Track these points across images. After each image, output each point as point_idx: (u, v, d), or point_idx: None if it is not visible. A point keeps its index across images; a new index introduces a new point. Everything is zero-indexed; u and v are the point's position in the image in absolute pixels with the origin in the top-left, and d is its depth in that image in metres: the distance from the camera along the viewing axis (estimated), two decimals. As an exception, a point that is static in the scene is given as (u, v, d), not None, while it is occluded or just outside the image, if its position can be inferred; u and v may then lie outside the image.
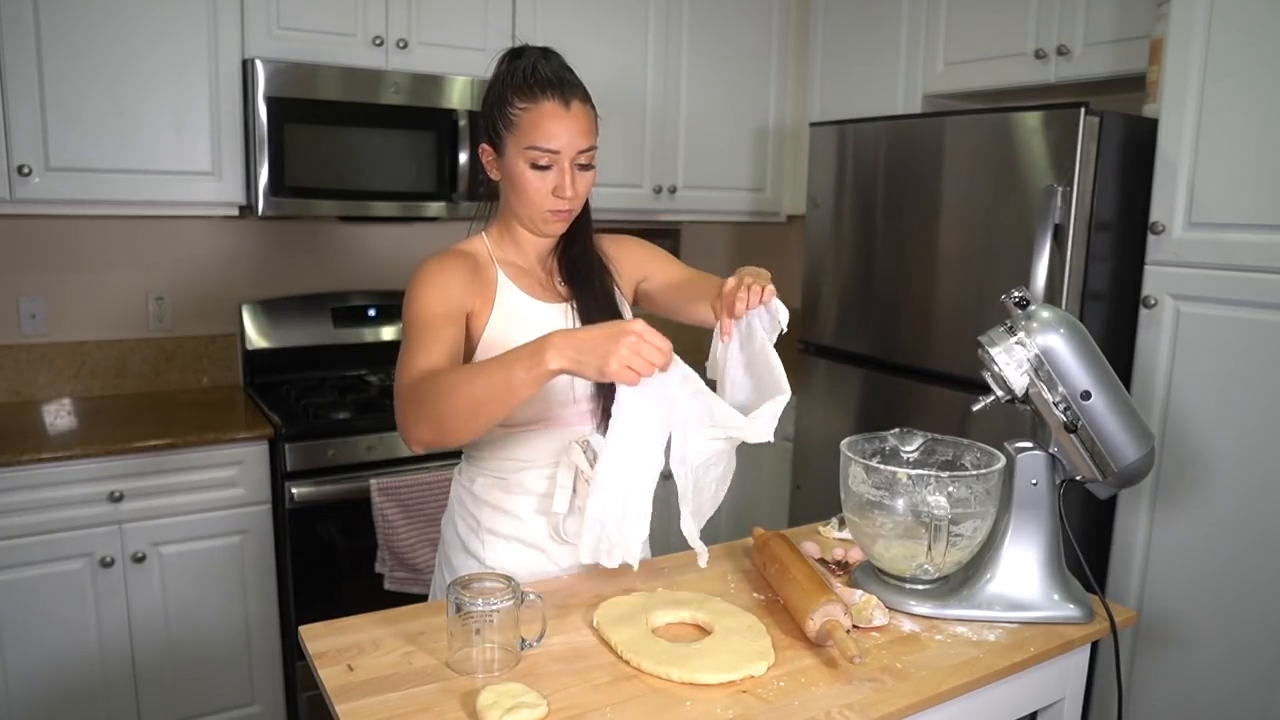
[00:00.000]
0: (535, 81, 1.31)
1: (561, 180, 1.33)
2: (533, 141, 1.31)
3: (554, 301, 1.44)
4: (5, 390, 2.49)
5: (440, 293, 1.33)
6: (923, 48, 2.76)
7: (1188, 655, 1.95)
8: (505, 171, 1.36)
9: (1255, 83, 1.77)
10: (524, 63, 1.33)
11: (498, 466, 1.43)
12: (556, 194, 1.33)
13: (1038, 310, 1.25)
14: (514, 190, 1.36)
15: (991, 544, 1.31)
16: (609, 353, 1.06)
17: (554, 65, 1.34)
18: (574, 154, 1.32)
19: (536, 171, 1.32)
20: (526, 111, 1.31)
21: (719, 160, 3.17)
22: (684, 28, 3.02)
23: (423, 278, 1.35)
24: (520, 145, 1.32)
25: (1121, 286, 2.05)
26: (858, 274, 2.54)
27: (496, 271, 1.41)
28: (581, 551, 1.21)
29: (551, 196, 1.34)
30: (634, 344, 1.06)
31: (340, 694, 1.05)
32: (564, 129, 1.31)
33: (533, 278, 1.45)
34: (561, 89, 1.31)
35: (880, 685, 1.10)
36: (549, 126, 1.30)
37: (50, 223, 2.49)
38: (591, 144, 1.34)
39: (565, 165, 1.32)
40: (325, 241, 2.86)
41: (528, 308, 1.41)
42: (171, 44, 2.27)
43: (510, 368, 1.12)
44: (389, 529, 2.31)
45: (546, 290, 1.45)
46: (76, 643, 2.14)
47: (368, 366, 2.87)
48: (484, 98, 1.38)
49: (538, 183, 1.33)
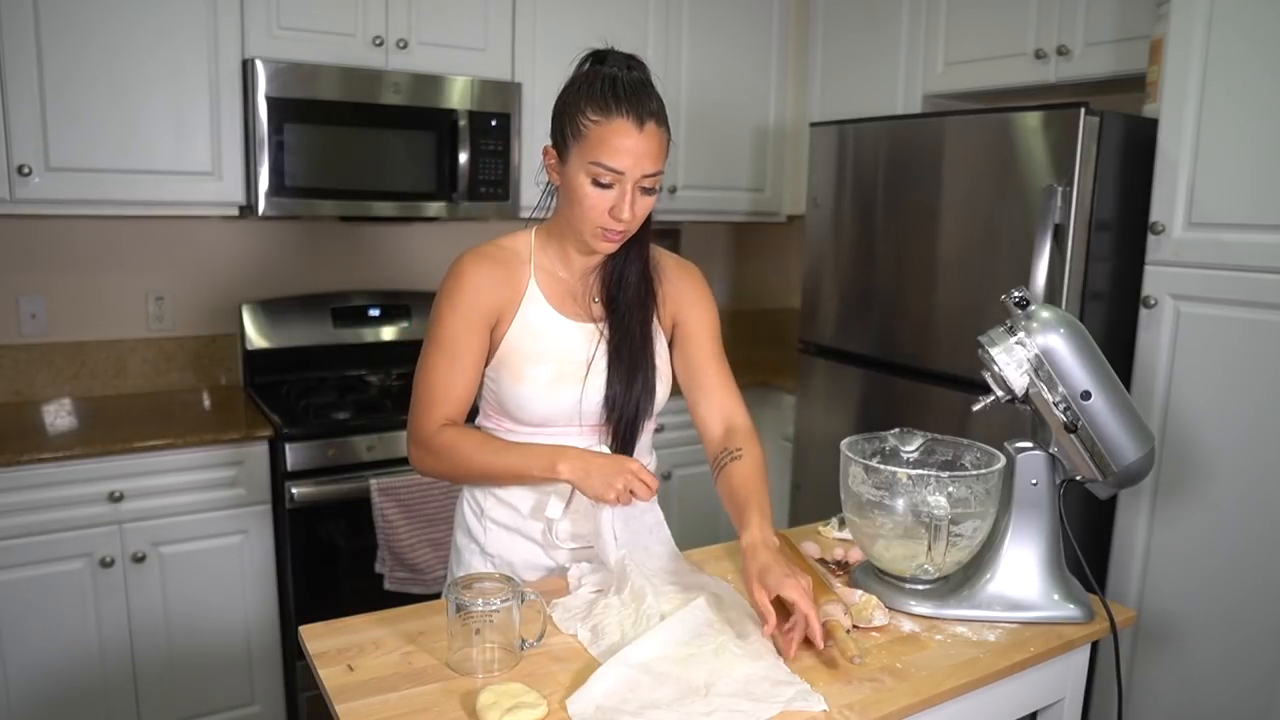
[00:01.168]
0: (613, 95, 1.25)
1: (621, 201, 1.27)
2: (598, 157, 1.25)
3: (581, 320, 1.40)
4: (5, 390, 2.49)
5: (467, 304, 1.34)
6: (923, 48, 2.76)
7: (1188, 655, 1.95)
8: (565, 180, 1.31)
9: (1255, 83, 1.77)
10: (605, 71, 1.28)
11: None
12: (614, 214, 1.28)
13: (1038, 310, 1.25)
14: (571, 201, 1.30)
15: (991, 544, 1.31)
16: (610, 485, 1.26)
17: (635, 80, 1.28)
18: (639, 176, 1.26)
19: (597, 188, 1.27)
20: (598, 125, 1.25)
21: (719, 160, 3.17)
22: (684, 28, 3.02)
23: (455, 280, 1.36)
24: (585, 158, 1.26)
25: (1121, 286, 2.05)
26: (858, 274, 2.54)
27: (529, 278, 1.38)
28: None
29: (608, 215, 1.28)
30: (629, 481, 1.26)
31: (340, 694, 1.05)
32: (633, 150, 1.24)
33: (566, 290, 1.41)
34: (638, 108, 1.25)
35: (880, 685, 1.10)
36: (617, 145, 1.24)
37: (50, 223, 2.49)
38: (659, 169, 1.28)
39: (628, 187, 1.26)
40: (325, 241, 2.86)
41: (549, 322, 1.38)
42: (171, 44, 2.27)
43: (527, 464, 1.31)
44: (389, 529, 2.31)
45: (578, 306, 1.41)
46: (76, 643, 2.14)
47: (368, 366, 2.87)
48: (558, 99, 1.32)
49: (595, 199, 1.27)
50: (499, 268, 1.37)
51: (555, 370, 1.37)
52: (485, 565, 1.46)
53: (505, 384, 1.38)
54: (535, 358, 1.37)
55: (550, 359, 1.37)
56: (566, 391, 1.37)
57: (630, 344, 1.39)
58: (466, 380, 1.37)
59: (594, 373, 1.39)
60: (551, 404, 1.37)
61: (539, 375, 1.36)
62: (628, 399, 1.39)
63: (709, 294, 1.51)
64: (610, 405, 1.39)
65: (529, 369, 1.36)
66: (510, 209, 2.72)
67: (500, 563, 1.46)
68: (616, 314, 1.41)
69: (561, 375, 1.37)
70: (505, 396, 1.38)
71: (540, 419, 1.38)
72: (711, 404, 1.46)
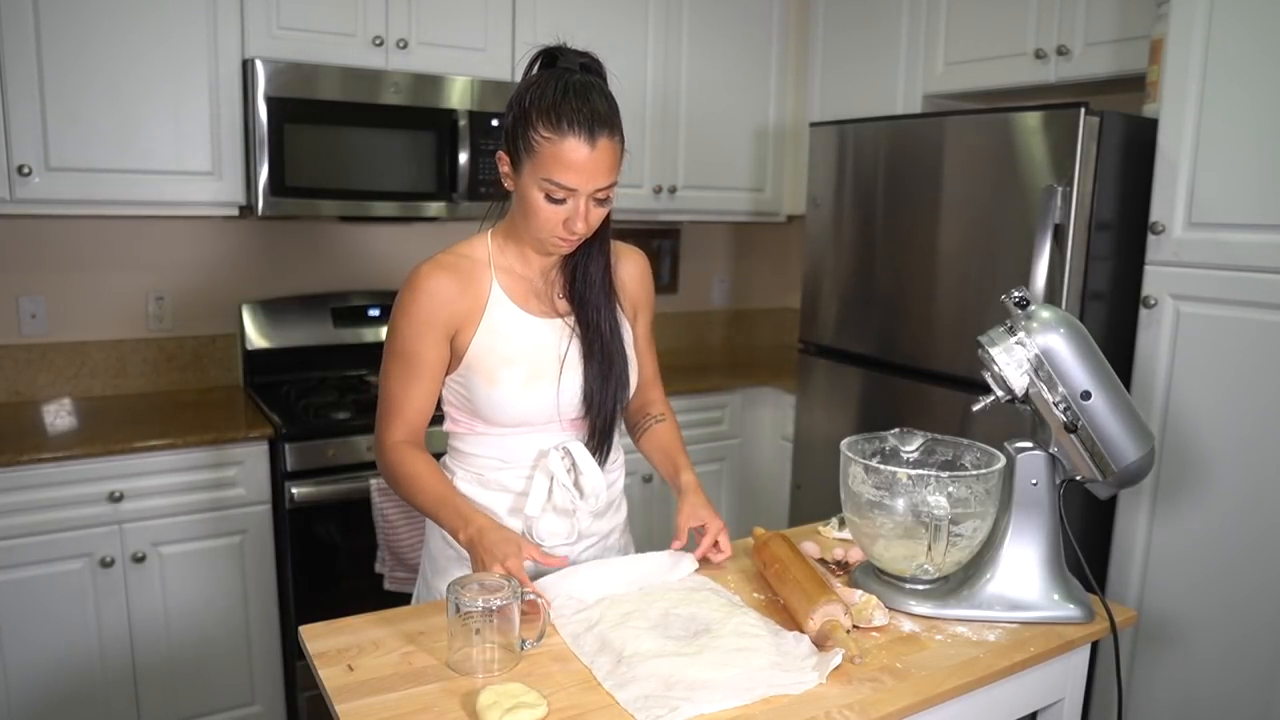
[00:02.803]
0: (563, 112, 1.23)
1: (574, 215, 1.27)
2: (550, 175, 1.24)
3: (548, 316, 1.40)
4: (5, 390, 2.49)
5: (425, 317, 1.33)
6: (923, 48, 2.76)
7: (1188, 655, 1.95)
8: (519, 190, 1.30)
9: (1255, 82, 1.77)
10: (556, 81, 1.26)
11: (479, 464, 1.43)
12: (567, 226, 1.28)
13: (1038, 310, 1.25)
14: (525, 212, 1.30)
15: (991, 544, 1.31)
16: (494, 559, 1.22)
17: (583, 86, 1.26)
18: (591, 191, 1.26)
19: (550, 203, 1.27)
20: (549, 142, 1.24)
21: (719, 160, 3.17)
22: (684, 28, 3.02)
23: (411, 294, 1.34)
24: (537, 174, 1.26)
25: (1121, 286, 2.05)
26: (858, 274, 2.54)
27: (491, 281, 1.38)
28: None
29: (561, 227, 1.29)
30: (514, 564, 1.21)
31: (340, 694, 1.05)
32: (584, 168, 1.24)
33: (530, 288, 1.41)
34: (590, 125, 1.23)
35: (880, 685, 1.10)
36: (569, 163, 1.23)
37: (50, 223, 2.49)
38: (612, 180, 1.28)
39: (581, 201, 1.27)
40: (325, 241, 2.86)
41: (516, 322, 1.38)
42: (171, 44, 2.27)
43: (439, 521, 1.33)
44: (389, 529, 2.31)
45: (543, 302, 1.41)
46: (76, 643, 2.14)
47: (368, 366, 2.87)
48: (510, 102, 1.31)
49: (549, 213, 1.28)
50: (457, 277, 1.35)
51: (528, 369, 1.37)
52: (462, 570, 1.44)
53: (478, 388, 1.36)
54: (507, 359, 1.36)
55: (522, 358, 1.37)
56: (542, 390, 1.38)
57: (601, 338, 1.41)
58: (423, 392, 1.37)
59: (568, 368, 1.39)
60: (528, 404, 1.37)
61: (513, 376, 1.36)
62: (605, 393, 1.41)
63: (651, 283, 1.56)
64: (588, 400, 1.40)
65: (503, 371, 1.36)
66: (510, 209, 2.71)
67: None
68: (585, 310, 1.41)
69: (535, 373, 1.37)
70: (479, 401, 1.37)
71: (517, 419, 1.38)
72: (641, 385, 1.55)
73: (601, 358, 1.40)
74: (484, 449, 1.42)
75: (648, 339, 1.57)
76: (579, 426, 1.44)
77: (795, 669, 1.12)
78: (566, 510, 1.42)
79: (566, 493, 1.40)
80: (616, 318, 1.45)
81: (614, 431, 1.46)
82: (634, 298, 1.51)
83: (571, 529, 1.43)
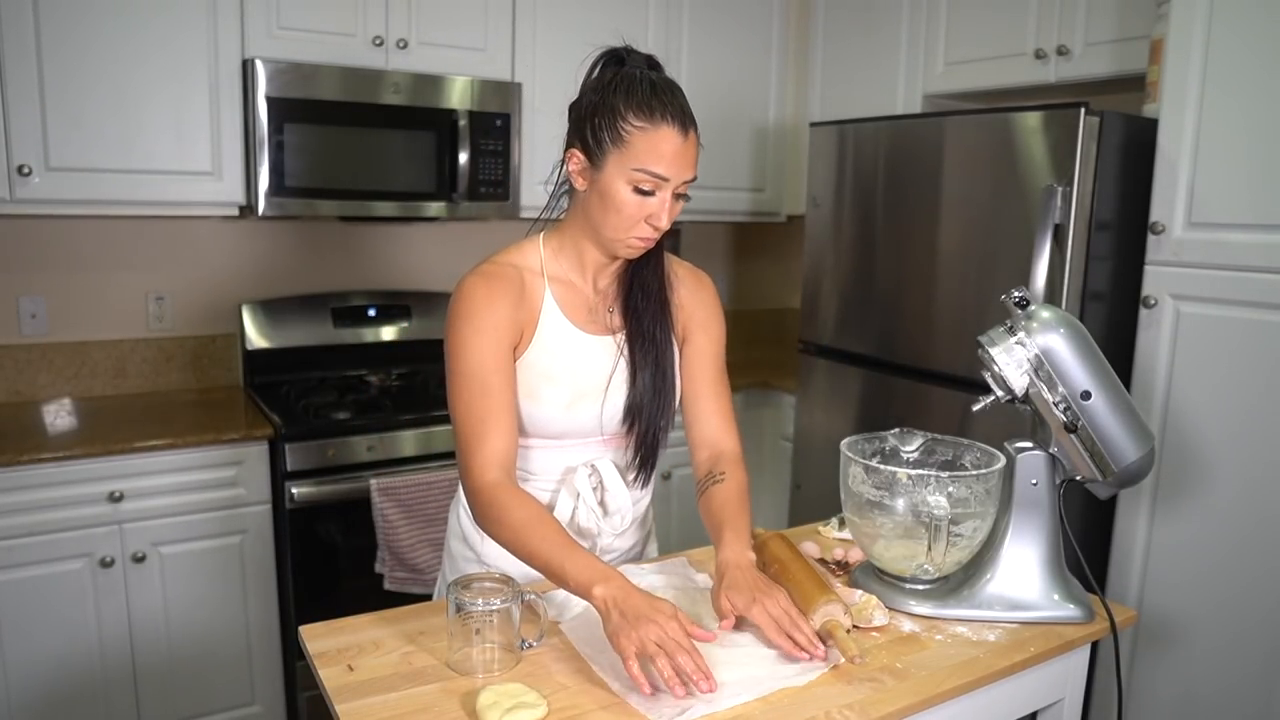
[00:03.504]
0: (656, 101, 1.21)
1: (660, 209, 1.24)
2: (644, 164, 1.21)
3: (599, 334, 1.36)
4: (5, 390, 2.49)
5: (491, 326, 1.26)
6: (923, 48, 2.76)
7: (1188, 655, 1.95)
8: (600, 187, 1.25)
9: (1255, 83, 1.77)
10: (639, 75, 1.24)
11: None
12: (651, 221, 1.25)
13: (1038, 310, 1.25)
14: (605, 208, 1.25)
15: (991, 544, 1.31)
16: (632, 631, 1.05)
17: (671, 83, 1.25)
18: (679, 183, 1.24)
19: (638, 195, 1.23)
20: (643, 132, 1.21)
21: (719, 160, 3.17)
22: (684, 28, 3.02)
23: (470, 303, 1.27)
24: (627, 164, 1.22)
25: (1121, 286, 2.05)
26: (858, 274, 2.54)
27: (544, 292, 1.33)
28: None
29: (644, 223, 1.25)
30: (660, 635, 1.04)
31: (340, 694, 1.05)
32: (677, 158, 1.22)
33: (583, 302, 1.36)
34: (683, 116, 1.23)
35: (880, 685, 1.10)
36: (665, 153, 1.21)
37: (50, 223, 2.49)
38: (695, 174, 1.26)
39: (668, 194, 1.24)
40: (325, 241, 2.86)
41: (568, 339, 1.33)
42: (171, 44, 2.27)
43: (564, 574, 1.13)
44: (389, 529, 2.31)
45: (595, 318, 1.36)
46: (76, 643, 2.14)
47: (368, 366, 2.87)
48: (582, 101, 1.27)
49: (634, 207, 1.24)
50: (510, 286, 1.30)
51: (573, 389, 1.33)
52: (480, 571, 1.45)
53: (519, 401, 1.33)
54: (552, 378, 1.32)
55: (567, 378, 1.33)
56: (585, 408, 1.34)
57: (655, 352, 1.36)
58: (508, 415, 1.27)
59: (615, 385, 1.35)
60: (570, 421, 1.34)
61: (557, 396, 1.32)
62: (655, 407, 1.36)
63: (720, 311, 1.46)
64: (634, 415, 1.36)
65: (546, 389, 1.32)
66: (510, 209, 2.72)
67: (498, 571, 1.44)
68: (637, 322, 1.36)
69: (579, 393, 1.34)
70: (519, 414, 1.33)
71: (556, 433, 1.35)
72: (705, 428, 1.43)
73: (655, 370, 1.36)
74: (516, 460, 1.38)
75: (717, 369, 1.44)
76: (619, 442, 1.40)
77: (797, 663, 1.12)
78: (590, 531, 1.40)
79: (591, 513, 1.38)
80: (669, 333, 1.39)
81: (660, 449, 1.40)
82: (687, 318, 1.43)
83: (593, 546, 1.42)
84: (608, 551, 1.45)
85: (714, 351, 1.44)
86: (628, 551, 1.50)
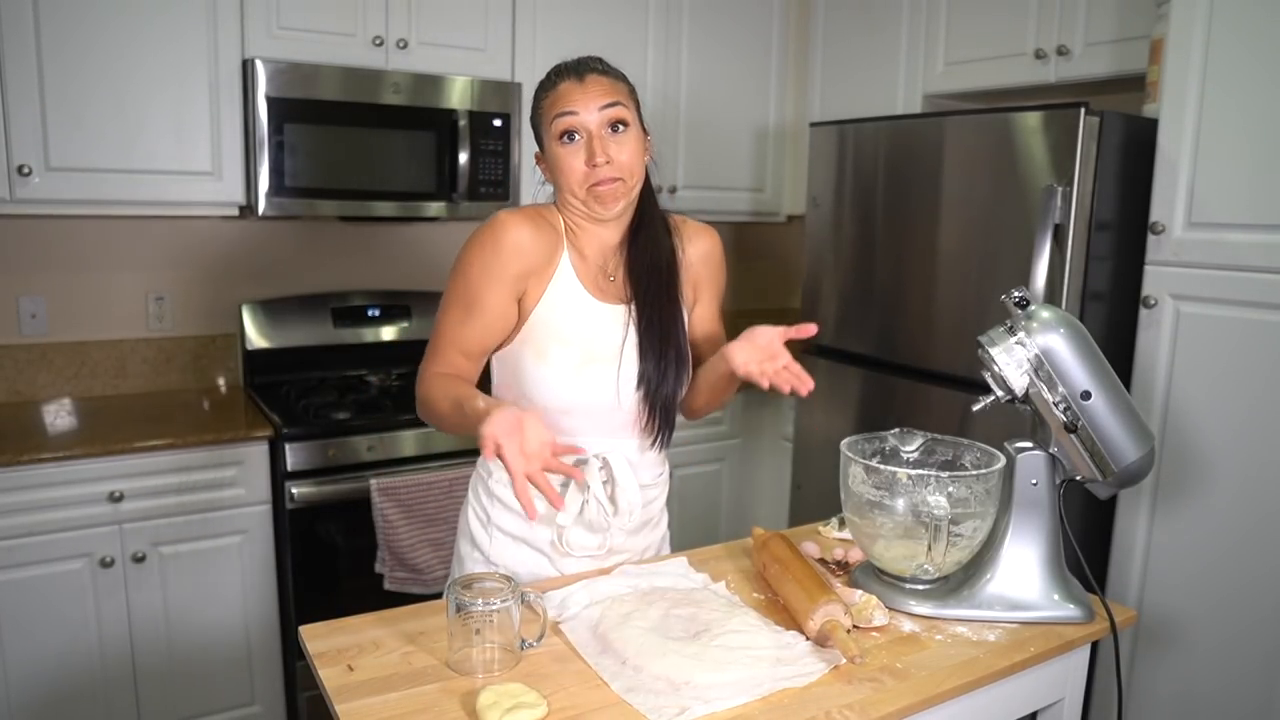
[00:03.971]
0: (554, 73, 1.35)
1: (590, 146, 1.31)
2: (552, 115, 1.32)
3: (611, 303, 1.40)
4: (5, 390, 2.49)
5: (501, 264, 1.33)
6: (923, 48, 2.76)
7: (1188, 655, 1.95)
8: (549, 163, 1.36)
9: (1255, 82, 1.77)
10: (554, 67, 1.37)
11: None
12: (590, 163, 1.31)
13: (1038, 310, 1.25)
14: (556, 172, 1.35)
15: (991, 544, 1.31)
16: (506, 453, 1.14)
17: (578, 59, 1.37)
18: (595, 113, 1.31)
19: (566, 147, 1.32)
20: (548, 97, 1.34)
21: (719, 160, 3.17)
22: (684, 28, 3.02)
23: (489, 236, 1.34)
24: (548, 132, 1.33)
25: (1121, 286, 2.05)
26: (858, 274, 2.54)
27: (563, 251, 1.38)
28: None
29: (586, 168, 1.31)
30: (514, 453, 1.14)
31: (340, 694, 1.05)
32: (580, 94, 1.31)
33: (597, 268, 1.41)
34: (577, 69, 1.34)
35: (880, 685, 1.10)
36: (564, 98, 1.32)
37: (50, 223, 2.49)
38: (613, 99, 1.33)
39: (592, 129, 1.31)
40: (325, 241, 2.86)
41: (580, 302, 1.38)
42: (171, 44, 2.27)
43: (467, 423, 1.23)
44: (389, 529, 2.31)
45: (606, 286, 1.41)
46: (76, 642, 2.14)
47: (368, 366, 2.87)
48: None
49: (570, 157, 1.32)
50: (540, 231, 1.36)
51: (583, 353, 1.36)
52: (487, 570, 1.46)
53: (527, 362, 1.36)
54: (563, 338, 1.35)
55: (578, 342, 1.36)
56: (597, 376, 1.36)
57: (661, 323, 1.39)
58: (478, 340, 1.36)
59: (628, 353, 1.38)
60: (579, 389, 1.35)
61: (567, 357, 1.35)
62: (664, 379, 1.39)
63: (723, 264, 1.53)
64: (646, 387, 1.38)
65: (556, 349, 1.35)
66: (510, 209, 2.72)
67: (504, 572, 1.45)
68: (645, 291, 1.40)
69: (589, 357, 1.36)
70: (526, 377, 1.36)
71: (565, 403, 1.36)
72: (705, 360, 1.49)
73: (660, 339, 1.39)
74: None
75: (716, 322, 1.54)
76: (635, 415, 1.41)
77: (798, 662, 1.12)
78: (600, 526, 1.41)
79: (600, 508, 1.39)
80: (678, 304, 1.43)
81: (673, 420, 1.44)
82: (697, 276, 1.49)
83: (603, 542, 1.42)
84: (619, 551, 1.45)
85: (718, 308, 1.55)
86: (641, 554, 1.50)
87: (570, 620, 1.23)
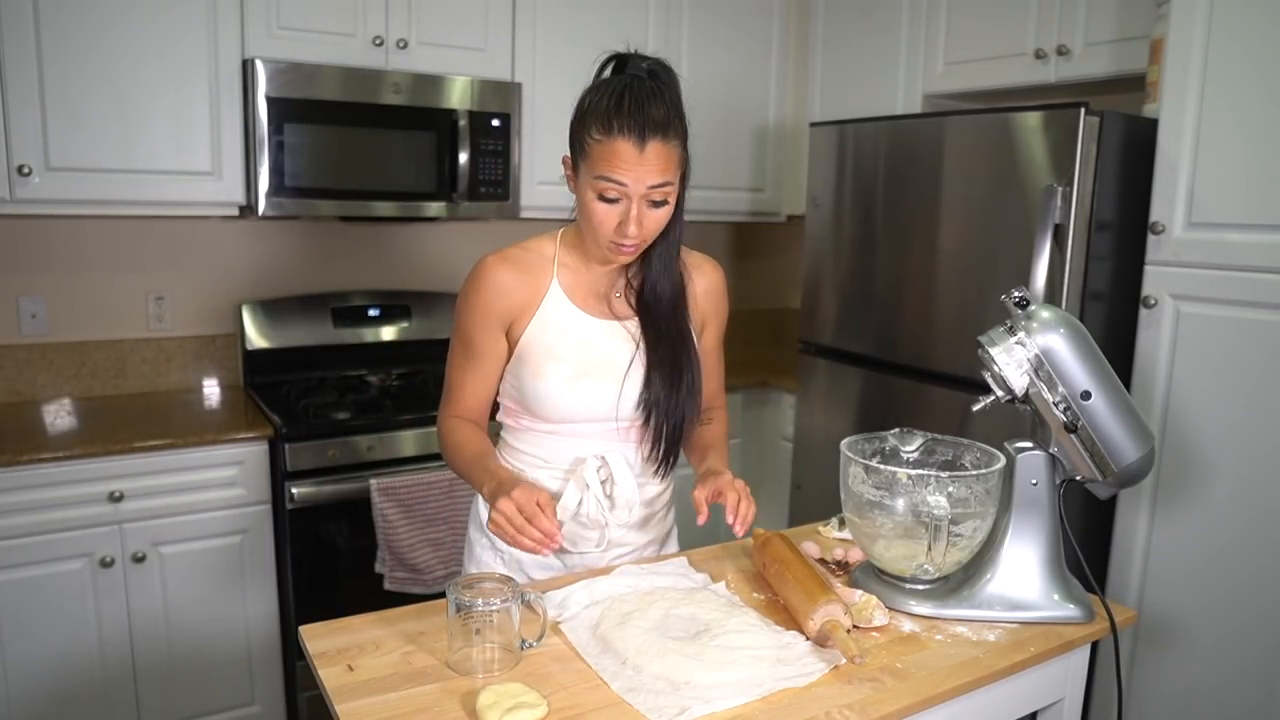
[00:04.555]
0: (616, 114, 1.25)
1: (627, 216, 1.27)
2: (603, 172, 1.26)
3: (605, 317, 1.41)
4: (5, 390, 2.49)
5: (483, 306, 1.39)
6: (923, 48, 2.76)
7: (1188, 655, 1.95)
8: (577, 193, 1.33)
9: (1255, 83, 1.77)
10: (616, 86, 1.28)
11: (522, 459, 1.46)
12: (619, 231, 1.29)
13: (1038, 310, 1.25)
14: (583, 215, 1.33)
15: (991, 544, 1.31)
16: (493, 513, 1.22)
17: (644, 92, 1.27)
18: (643, 190, 1.26)
19: (603, 203, 1.28)
20: (600, 144, 1.26)
21: (719, 160, 3.17)
22: (683, 28, 3.02)
23: (473, 282, 1.40)
24: (590, 173, 1.28)
25: (1121, 286, 2.05)
26: (858, 274, 2.54)
27: (552, 278, 1.40)
28: None
29: (615, 231, 1.29)
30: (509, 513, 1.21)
31: (340, 694, 1.05)
32: (636, 167, 1.25)
33: (590, 288, 1.42)
34: (642, 129, 1.24)
35: (880, 685, 1.10)
36: (619, 163, 1.25)
37: (50, 223, 2.49)
38: (665, 180, 1.27)
39: (633, 201, 1.27)
40: (325, 241, 2.86)
41: (571, 319, 1.40)
42: (172, 44, 2.27)
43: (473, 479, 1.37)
44: (389, 529, 2.31)
45: (602, 303, 1.42)
46: (76, 642, 2.14)
47: (368, 366, 2.87)
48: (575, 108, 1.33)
49: (603, 214, 1.29)
50: (517, 270, 1.39)
51: (576, 367, 1.38)
52: (496, 560, 1.48)
53: (525, 380, 1.40)
54: (555, 354, 1.38)
55: (571, 355, 1.38)
56: (592, 388, 1.39)
57: (671, 347, 1.41)
58: (479, 379, 1.43)
59: (632, 373, 1.40)
60: (573, 401, 1.38)
61: (559, 371, 1.38)
62: (673, 402, 1.40)
63: (726, 297, 1.56)
64: (649, 409, 1.40)
65: (549, 365, 1.38)
66: (510, 209, 2.72)
67: (509, 559, 1.47)
68: (652, 318, 1.41)
69: (583, 370, 1.38)
70: (526, 392, 1.41)
71: (560, 415, 1.40)
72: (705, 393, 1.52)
73: (670, 367, 1.40)
74: (529, 445, 1.45)
75: (717, 352, 1.57)
76: (636, 435, 1.44)
77: (798, 662, 1.12)
78: (597, 521, 1.42)
79: (598, 504, 1.41)
80: (686, 328, 1.44)
81: (681, 442, 1.45)
82: (704, 311, 1.51)
83: (601, 538, 1.45)
84: (618, 545, 1.47)
85: (719, 338, 1.58)
86: (644, 548, 1.51)
87: (570, 620, 1.23)
